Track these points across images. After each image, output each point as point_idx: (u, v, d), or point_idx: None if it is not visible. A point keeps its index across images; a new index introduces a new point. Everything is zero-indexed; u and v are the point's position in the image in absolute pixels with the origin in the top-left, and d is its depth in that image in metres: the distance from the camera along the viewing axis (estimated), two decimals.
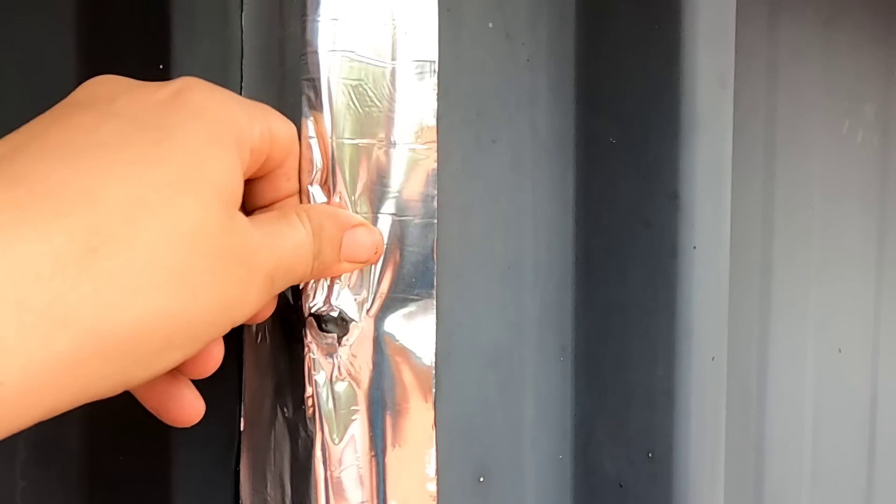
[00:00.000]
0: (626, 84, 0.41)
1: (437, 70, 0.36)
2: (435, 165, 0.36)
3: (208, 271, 0.25)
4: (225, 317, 0.26)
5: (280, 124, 0.31)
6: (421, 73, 0.35)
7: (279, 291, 0.30)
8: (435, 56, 0.35)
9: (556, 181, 0.43)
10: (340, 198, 0.35)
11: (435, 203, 0.36)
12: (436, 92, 0.36)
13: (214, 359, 0.30)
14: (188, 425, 0.31)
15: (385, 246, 0.35)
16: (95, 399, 0.24)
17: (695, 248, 0.40)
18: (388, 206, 0.35)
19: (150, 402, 0.31)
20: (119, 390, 0.25)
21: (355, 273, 0.35)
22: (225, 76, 0.39)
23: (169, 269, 0.24)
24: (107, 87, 0.27)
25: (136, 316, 0.23)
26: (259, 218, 0.29)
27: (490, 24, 0.40)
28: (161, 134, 0.25)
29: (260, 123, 0.29)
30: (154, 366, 0.25)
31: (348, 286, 0.35)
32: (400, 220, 0.36)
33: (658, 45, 0.40)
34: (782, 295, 0.58)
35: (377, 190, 0.35)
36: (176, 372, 0.31)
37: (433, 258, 0.36)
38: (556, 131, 0.42)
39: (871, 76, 0.63)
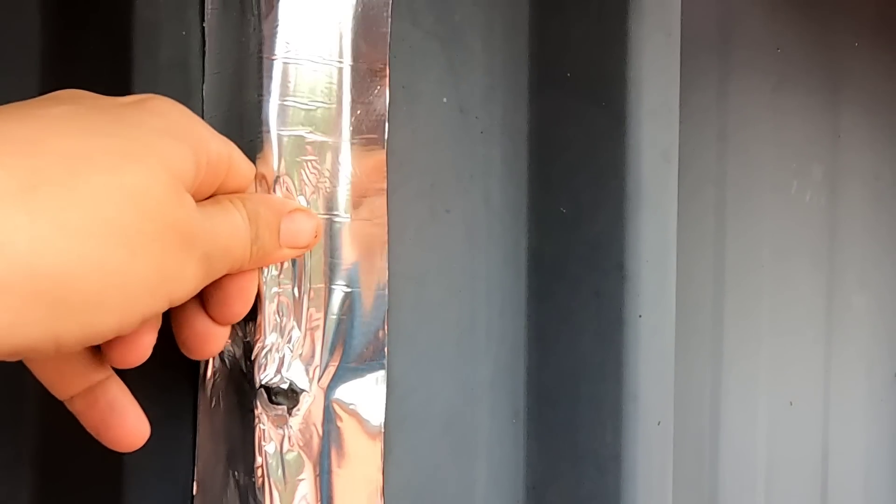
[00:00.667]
0: (575, 158, 0.43)
1: (386, 143, 0.37)
2: (385, 238, 0.37)
3: (148, 235, 0.25)
4: (162, 289, 0.26)
5: (241, 157, 0.31)
6: (371, 148, 0.37)
7: (216, 276, 0.29)
8: (385, 132, 0.36)
9: (509, 249, 0.44)
10: (293, 268, 0.36)
11: (386, 275, 0.37)
12: (385, 166, 0.37)
13: (145, 345, 0.29)
14: (131, 449, 0.31)
15: (336, 316, 0.36)
16: (21, 351, 0.23)
17: (640, 316, 0.41)
18: (340, 278, 0.36)
19: (92, 420, 0.30)
20: (49, 347, 0.23)
21: (307, 344, 0.36)
22: None
23: (108, 223, 0.23)
24: (71, 92, 0.28)
25: (70, 259, 0.22)
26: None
27: (444, 99, 0.41)
28: (117, 117, 0.26)
29: (220, 144, 0.30)
30: (86, 324, 0.24)
31: (300, 357, 0.36)
32: (351, 292, 0.37)
33: (604, 122, 0.42)
34: (734, 351, 0.59)
35: (329, 262, 0.36)
36: (117, 385, 0.30)
37: (384, 329, 0.37)
38: (510, 201, 0.44)
39: (819, 138, 0.66)
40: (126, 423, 0.30)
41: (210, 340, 0.33)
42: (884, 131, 0.72)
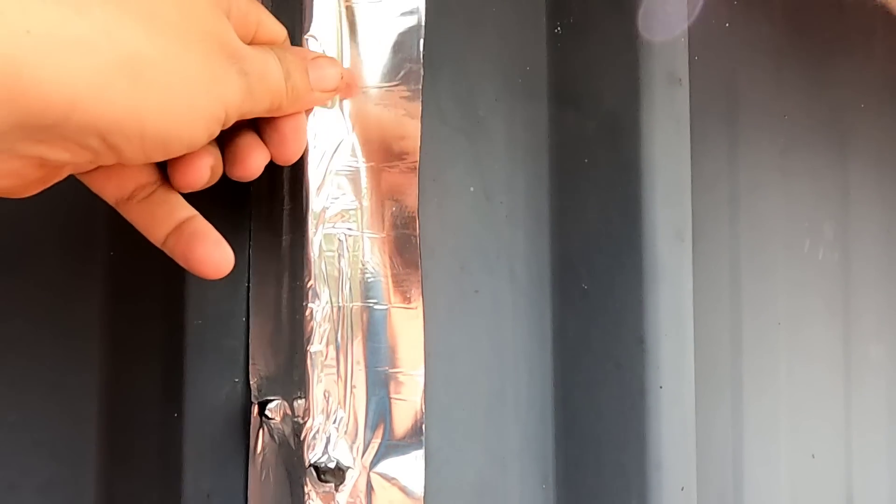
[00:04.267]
0: (594, 237, 0.46)
1: (419, 238, 0.40)
2: (421, 322, 0.40)
3: (195, 35, 0.27)
4: (214, 90, 0.28)
5: (270, 18, 0.33)
6: (405, 241, 0.40)
7: (259, 104, 0.31)
8: (417, 227, 0.40)
9: (535, 324, 0.47)
10: (337, 353, 0.39)
11: (422, 357, 0.40)
12: (419, 256, 0.40)
13: (205, 166, 0.32)
14: (218, 275, 0.34)
15: (377, 396, 0.39)
16: (110, 126, 0.25)
17: (661, 387, 0.44)
18: (381, 362, 0.39)
19: (180, 248, 0.33)
20: (134, 128, 0.26)
21: (350, 423, 0.39)
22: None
23: (162, 17, 0.26)
24: None
25: (138, 37, 0.25)
26: None
27: (471, 188, 0.45)
28: None
29: (246, 2, 0.31)
30: (164, 111, 0.26)
31: (345, 435, 0.39)
32: (390, 374, 0.40)
33: (621, 205, 0.45)
34: (754, 410, 0.61)
35: (369, 346, 0.39)
36: (202, 221, 0.33)
37: (422, 408, 0.40)
38: (534, 279, 0.47)
39: (829, 197, 0.68)
40: (208, 246, 0.33)
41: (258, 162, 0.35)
42: (891, 186, 0.74)
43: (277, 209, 0.43)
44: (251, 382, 0.44)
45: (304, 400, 0.39)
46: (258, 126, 0.36)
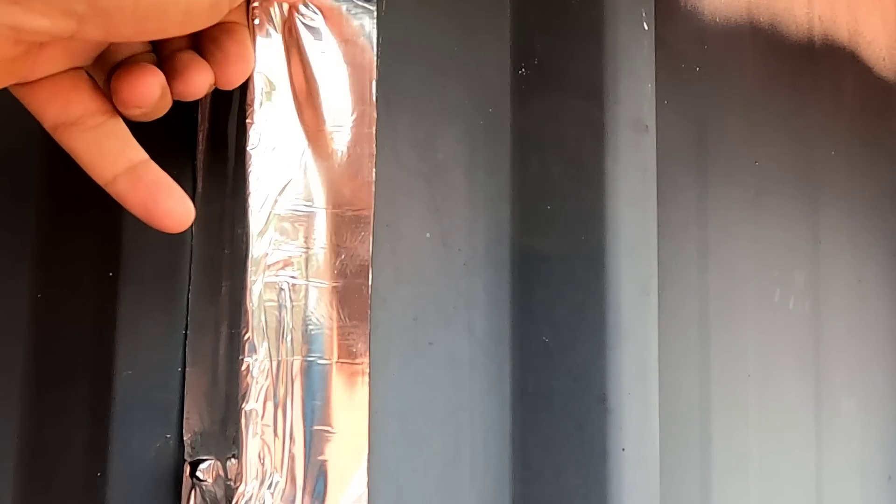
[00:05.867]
0: (556, 289, 0.43)
1: (370, 287, 0.38)
2: (367, 380, 0.37)
3: None
4: None
5: None
6: (355, 291, 0.37)
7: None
8: (369, 276, 0.37)
9: (493, 379, 0.44)
10: (275, 411, 0.36)
11: (367, 416, 0.37)
12: (369, 308, 0.38)
13: (150, 81, 0.29)
14: (180, 228, 0.31)
15: (318, 459, 0.36)
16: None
17: (623, 450, 0.41)
18: (320, 422, 0.36)
19: (138, 198, 0.30)
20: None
21: (287, 488, 0.36)
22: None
23: None
24: None
25: None
26: None
27: (427, 234, 0.42)
28: None
29: None
30: None
31: (280, 502, 0.36)
32: (332, 434, 0.37)
33: (584, 257, 0.43)
34: (723, 467, 0.59)
35: (310, 404, 0.36)
36: (158, 169, 0.30)
37: (365, 472, 0.37)
38: (493, 331, 0.44)
39: (800, 246, 0.67)
40: (173, 197, 0.30)
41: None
42: (863, 235, 0.73)
43: (218, 253, 0.40)
44: (185, 438, 0.40)
45: (237, 461, 0.36)
46: (201, 48, 0.33)
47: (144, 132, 0.34)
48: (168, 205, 0.31)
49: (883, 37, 0.80)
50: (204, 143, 0.42)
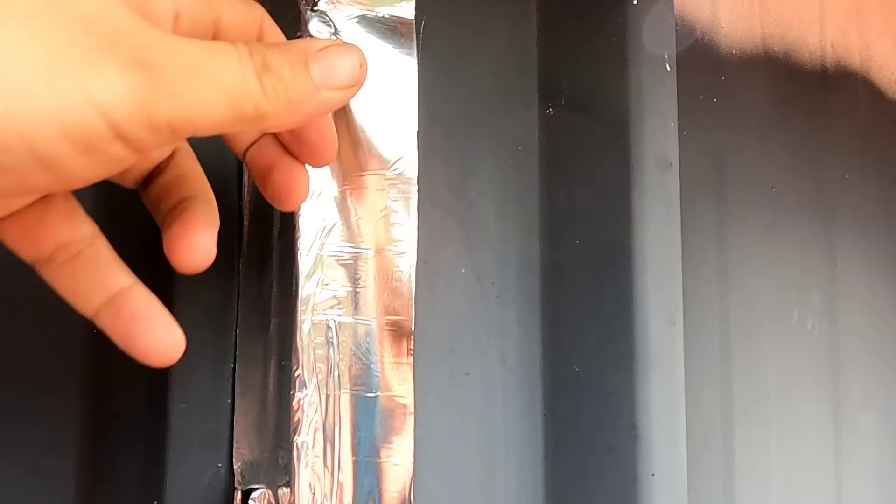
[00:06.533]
0: (586, 319, 0.45)
1: (413, 324, 0.40)
2: (412, 410, 0.39)
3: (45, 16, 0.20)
4: (70, 77, 0.20)
5: (245, 11, 0.28)
6: (397, 329, 0.39)
7: (184, 110, 0.22)
8: (412, 314, 0.39)
9: (526, 406, 0.46)
10: (325, 443, 0.38)
11: (412, 445, 0.39)
12: (412, 343, 0.40)
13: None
14: (166, 362, 0.27)
15: (365, 489, 0.38)
16: None
17: (653, 475, 0.43)
18: (367, 452, 0.39)
19: (120, 332, 0.27)
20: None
21: None
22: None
23: None
24: None
25: None
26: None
27: (462, 270, 0.45)
28: None
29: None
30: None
31: None
32: (378, 464, 0.39)
33: (612, 288, 0.45)
34: (746, 487, 0.60)
35: (357, 435, 0.38)
36: (141, 293, 0.27)
37: (410, 498, 0.39)
38: (525, 360, 0.46)
39: (816, 267, 0.69)
40: (152, 331, 0.27)
41: (298, 186, 0.32)
42: (878, 254, 0.74)
43: (266, 291, 0.42)
44: (235, 467, 0.43)
45: (288, 489, 0.38)
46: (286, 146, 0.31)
47: None
48: (145, 340, 0.27)
49: (894, 60, 0.82)
50: (249, 185, 0.44)
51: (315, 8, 0.39)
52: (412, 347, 0.40)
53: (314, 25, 0.39)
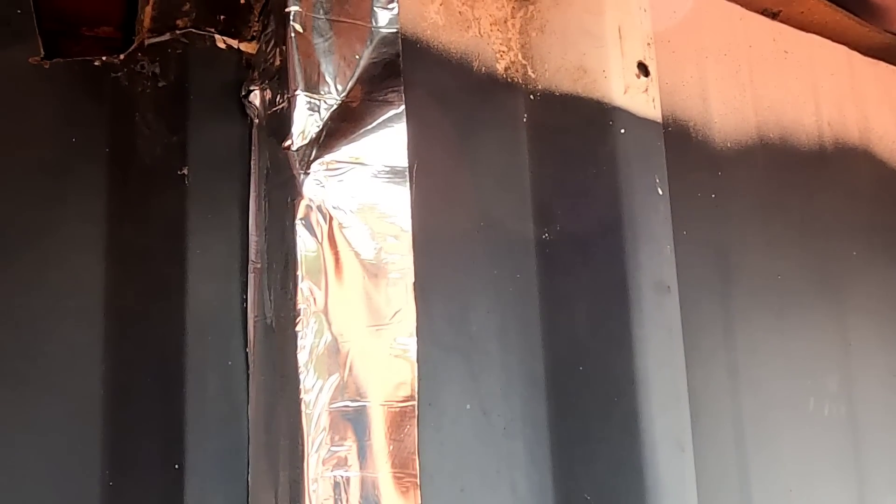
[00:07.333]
0: (594, 447, 0.45)
1: (418, 474, 0.40)
2: None
3: None
4: None
5: None
6: (404, 481, 0.40)
7: None
8: (416, 468, 0.39)
9: None
10: None
11: None
12: (419, 496, 0.40)
13: None
14: None
15: None
16: None
17: None
18: None
19: None
20: None
21: None
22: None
23: None
24: None
25: None
26: None
27: (468, 406, 0.45)
28: None
29: None
30: None
31: None
32: None
33: (619, 416, 0.45)
34: None
35: None
36: None
37: None
38: (535, 491, 0.46)
39: (829, 350, 0.68)
40: None
41: None
42: (892, 327, 0.74)
43: (273, 440, 0.43)
44: None
45: None
46: None
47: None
48: None
49: (894, 129, 0.82)
50: (254, 333, 0.45)
51: (308, 171, 0.40)
52: (419, 496, 0.40)
53: (309, 187, 0.40)
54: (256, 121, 0.48)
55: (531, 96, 0.52)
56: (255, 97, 0.47)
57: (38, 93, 0.47)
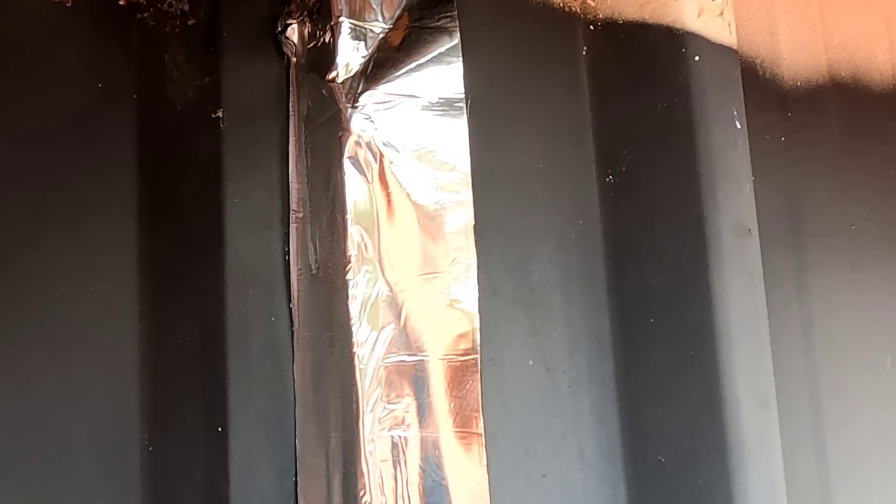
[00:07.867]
0: (669, 406, 0.42)
1: (483, 433, 0.37)
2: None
3: None
4: None
5: None
6: (468, 440, 0.37)
7: None
8: (480, 425, 0.36)
9: (607, 502, 0.42)
10: None
11: None
12: (484, 454, 0.37)
13: None
14: None
15: None
16: None
17: None
18: None
19: None
20: None
21: None
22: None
23: None
24: None
25: None
26: None
27: (530, 362, 0.41)
28: None
29: None
30: None
31: None
32: None
33: (696, 372, 0.41)
34: None
35: None
36: None
37: None
38: (604, 453, 0.43)
39: None
40: None
41: None
42: None
43: (322, 401, 0.40)
44: None
45: None
46: None
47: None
48: None
49: None
50: (298, 287, 0.42)
51: (356, 105, 0.37)
52: (484, 455, 0.37)
53: (356, 122, 0.37)
54: (294, 59, 0.44)
55: (591, 27, 0.48)
56: (293, 32, 0.43)
57: (59, 35, 0.44)
